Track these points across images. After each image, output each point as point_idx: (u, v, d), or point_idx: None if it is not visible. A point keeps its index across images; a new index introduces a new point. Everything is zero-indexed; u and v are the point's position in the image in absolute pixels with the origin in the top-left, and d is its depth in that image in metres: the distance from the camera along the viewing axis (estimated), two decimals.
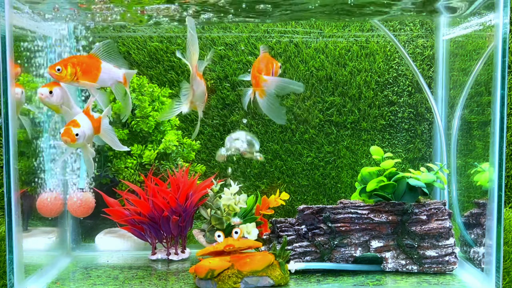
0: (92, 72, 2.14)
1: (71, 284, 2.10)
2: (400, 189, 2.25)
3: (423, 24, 2.75)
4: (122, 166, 2.50)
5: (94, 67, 2.15)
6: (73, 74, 2.10)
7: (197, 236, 2.40)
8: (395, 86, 2.76)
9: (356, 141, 2.78)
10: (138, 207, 2.36)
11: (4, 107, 1.88)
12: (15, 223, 1.90)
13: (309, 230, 2.18)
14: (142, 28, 2.71)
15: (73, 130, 2.08)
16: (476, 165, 2.24)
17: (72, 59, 2.12)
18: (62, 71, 2.08)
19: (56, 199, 2.40)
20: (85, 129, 2.12)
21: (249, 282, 2.01)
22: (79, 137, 2.09)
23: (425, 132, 2.77)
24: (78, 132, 2.09)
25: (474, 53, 2.34)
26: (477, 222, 2.27)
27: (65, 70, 2.09)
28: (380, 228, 2.18)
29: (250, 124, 2.76)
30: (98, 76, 2.16)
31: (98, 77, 2.16)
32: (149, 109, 2.51)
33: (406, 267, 2.18)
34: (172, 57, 2.74)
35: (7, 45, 1.87)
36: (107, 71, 2.18)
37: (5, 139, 1.90)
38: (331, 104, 2.77)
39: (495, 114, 1.95)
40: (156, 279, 2.14)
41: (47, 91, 2.12)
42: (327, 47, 2.75)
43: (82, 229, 2.68)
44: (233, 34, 2.74)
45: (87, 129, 2.14)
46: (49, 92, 2.12)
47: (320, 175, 2.79)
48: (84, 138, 2.12)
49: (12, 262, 1.91)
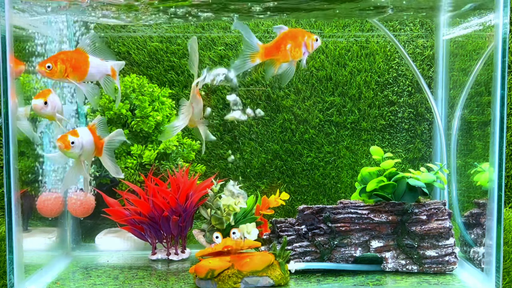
0: (81, 67, 2.09)
1: (71, 284, 2.10)
2: (400, 189, 2.25)
3: (423, 24, 2.75)
4: (122, 166, 2.50)
5: (83, 62, 2.10)
6: (63, 70, 2.05)
7: (197, 236, 2.40)
8: (395, 86, 2.76)
9: (356, 141, 2.78)
10: (138, 207, 2.36)
11: (4, 107, 1.88)
12: (15, 223, 1.90)
13: (309, 230, 2.18)
14: (142, 28, 2.72)
15: (69, 138, 2.04)
16: (476, 165, 2.24)
17: (60, 55, 2.07)
18: (52, 68, 2.03)
19: (56, 199, 2.40)
20: (83, 141, 2.08)
21: (249, 282, 2.01)
22: (74, 146, 2.04)
23: (425, 132, 2.77)
24: (75, 141, 2.05)
25: (474, 53, 2.34)
26: (477, 222, 2.27)
27: (55, 67, 2.04)
28: (380, 228, 2.18)
29: (250, 124, 2.76)
30: (87, 71, 2.11)
31: (87, 72, 2.11)
32: (149, 109, 2.51)
33: (406, 267, 2.18)
34: (172, 57, 2.74)
35: (7, 45, 1.87)
36: (95, 65, 2.13)
37: (5, 139, 1.90)
38: (331, 104, 2.77)
39: (495, 114, 1.95)
40: (156, 279, 2.14)
41: (42, 102, 2.07)
42: (327, 47, 2.75)
43: (82, 229, 2.68)
44: (233, 34, 2.74)
45: (86, 142, 2.09)
46: (44, 103, 2.07)
47: (320, 175, 2.79)
48: (80, 150, 2.07)
49: (12, 262, 1.92)
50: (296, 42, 2.12)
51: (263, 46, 2.11)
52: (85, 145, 2.09)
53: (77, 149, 2.06)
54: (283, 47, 2.11)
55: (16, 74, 2.12)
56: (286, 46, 2.11)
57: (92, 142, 2.14)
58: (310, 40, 2.12)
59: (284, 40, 2.12)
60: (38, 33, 2.38)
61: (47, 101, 2.08)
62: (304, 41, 2.12)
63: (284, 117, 2.76)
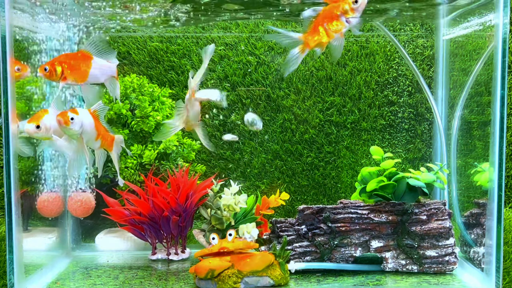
0: (80, 69, 2.08)
1: (71, 284, 2.10)
2: (400, 189, 2.25)
3: (423, 24, 2.75)
4: (122, 166, 2.50)
5: (83, 63, 2.09)
6: (60, 73, 2.05)
7: (197, 236, 2.40)
8: (395, 86, 2.76)
9: (356, 141, 2.78)
10: (138, 207, 2.36)
11: (4, 107, 1.88)
12: (15, 223, 1.90)
13: (309, 230, 2.18)
14: (142, 28, 2.72)
15: (69, 114, 2.02)
16: (476, 165, 2.24)
17: (60, 58, 2.07)
18: (49, 70, 2.03)
19: (56, 199, 2.40)
20: (83, 120, 2.05)
21: (249, 282, 2.01)
22: (73, 122, 2.02)
23: (425, 132, 2.77)
24: (74, 117, 2.02)
25: (474, 53, 2.34)
26: (477, 222, 2.27)
27: (53, 70, 2.03)
28: (380, 228, 2.18)
29: None
30: (87, 73, 2.10)
31: (87, 74, 2.10)
32: (149, 109, 2.51)
33: (406, 267, 2.18)
34: (172, 57, 2.74)
35: (7, 45, 1.87)
36: (98, 67, 2.12)
37: (5, 139, 1.90)
38: (331, 104, 2.77)
39: (495, 114, 1.95)
40: (156, 279, 2.14)
41: (34, 126, 2.05)
42: (327, 47, 2.75)
43: (82, 229, 2.68)
44: (233, 34, 2.74)
45: (86, 123, 2.07)
46: (36, 127, 2.05)
47: (320, 175, 2.79)
48: (79, 128, 2.04)
49: (12, 262, 1.91)
50: (332, 18, 1.98)
51: (304, 36, 2.02)
52: (85, 125, 2.07)
53: (77, 126, 2.04)
54: (321, 29, 1.99)
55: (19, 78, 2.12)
56: (323, 26, 1.99)
57: (92, 125, 2.11)
58: (346, 6, 1.96)
59: (320, 21, 1.99)
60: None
61: (40, 124, 2.06)
62: (340, 11, 1.96)
63: (284, 117, 2.76)
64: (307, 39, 2.02)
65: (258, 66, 2.75)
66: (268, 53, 2.73)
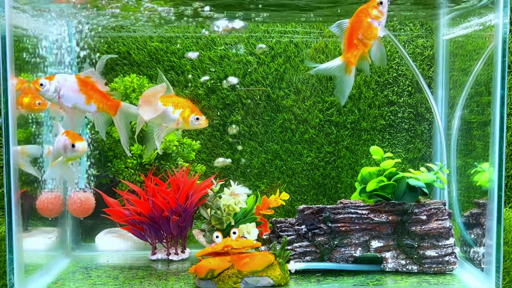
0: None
1: (71, 284, 2.10)
2: (400, 189, 2.25)
3: (423, 24, 2.75)
4: (122, 166, 2.50)
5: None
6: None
7: (197, 236, 2.40)
8: (395, 86, 2.76)
9: (356, 141, 2.78)
10: (138, 207, 2.36)
11: (4, 107, 1.88)
12: (15, 223, 1.90)
13: (309, 230, 2.18)
14: (142, 28, 2.72)
15: (40, 81, 1.96)
16: (476, 165, 2.24)
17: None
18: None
19: (56, 199, 2.40)
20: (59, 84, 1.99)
21: (249, 282, 2.01)
22: (44, 87, 1.96)
23: (425, 132, 2.77)
24: (44, 82, 1.96)
25: (474, 53, 2.34)
26: (477, 222, 2.27)
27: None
28: (380, 228, 2.18)
29: (250, 124, 2.76)
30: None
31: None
32: None
33: (406, 267, 2.18)
34: (172, 57, 2.74)
35: (7, 45, 1.87)
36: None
37: (5, 139, 1.90)
38: (331, 104, 2.77)
39: (495, 114, 1.95)
40: (156, 279, 2.14)
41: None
42: (327, 47, 2.75)
43: (82, 229, 2.68)
44: (233, 34, 2.74)
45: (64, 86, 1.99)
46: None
47: (320, 175, 2.79)
48: (54, 92, 1.98)
49: (12, 262, 1.91)
50: (363, 26, 1.91)
51: (343, 57, 1.96)
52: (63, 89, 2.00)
53: (49, 91, 1.98)
54: (356, 41, 1.93)
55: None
56: (358, 38, 1.92)
57: (75, 89, 2.02)
58: (374, 10, 1.91)
59: (353, 33, 1.93)
60: None
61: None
62: (370, 17, 1.91)
63: (284, 117, 2.76)
64: (348, 58, 1.96)
65: (258, 66, 2.75)
66: (268, 53, 2.74)
